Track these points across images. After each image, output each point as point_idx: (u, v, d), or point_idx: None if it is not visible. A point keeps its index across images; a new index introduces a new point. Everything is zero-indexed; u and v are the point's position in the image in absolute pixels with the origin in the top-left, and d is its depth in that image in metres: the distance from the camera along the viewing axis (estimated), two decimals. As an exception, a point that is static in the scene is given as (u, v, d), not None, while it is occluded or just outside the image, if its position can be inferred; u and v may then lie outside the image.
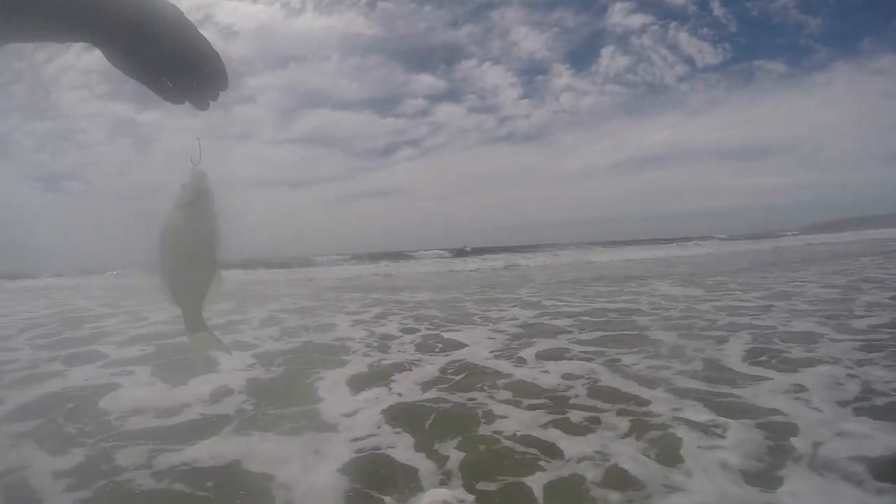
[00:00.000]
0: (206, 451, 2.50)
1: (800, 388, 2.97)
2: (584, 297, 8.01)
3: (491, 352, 4.38)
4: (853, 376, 3.13)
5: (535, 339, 4.78)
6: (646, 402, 2.90)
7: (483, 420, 2.78)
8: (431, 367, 3.95)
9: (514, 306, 7.31)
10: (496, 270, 17.64)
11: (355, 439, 2.59)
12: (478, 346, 4.66)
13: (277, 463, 2.34)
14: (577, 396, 3.11)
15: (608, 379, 3.43)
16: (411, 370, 3.89)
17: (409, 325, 5.95)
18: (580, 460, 2.26)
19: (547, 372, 3.66)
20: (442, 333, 5.35)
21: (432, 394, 3.30)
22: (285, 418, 2.92)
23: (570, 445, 2.41)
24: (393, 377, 3.69)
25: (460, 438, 2.55)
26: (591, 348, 4.34)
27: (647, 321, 5.49)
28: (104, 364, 4.47)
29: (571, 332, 5.12)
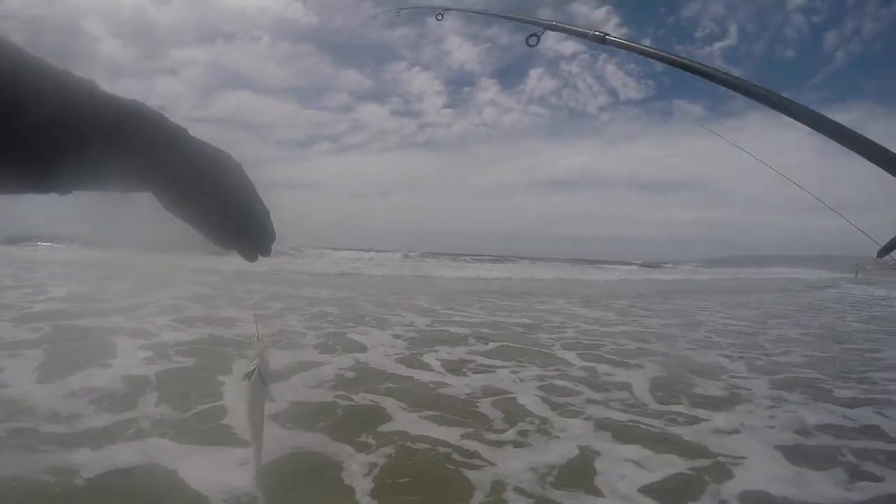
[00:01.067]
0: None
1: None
2: (483, 310, 8.39)
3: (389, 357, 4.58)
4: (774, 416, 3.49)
5: (436, 347, 5.04)
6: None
7: (380, 420, 3.00)
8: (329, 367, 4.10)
9: (412, 313, 7.56)
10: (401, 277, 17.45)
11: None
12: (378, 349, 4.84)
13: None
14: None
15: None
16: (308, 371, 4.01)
17: (312, 324, 6.04)
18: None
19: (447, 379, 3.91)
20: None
21: (329, 395, 3.45)
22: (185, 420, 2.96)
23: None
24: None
25: (362, 436, 2.74)
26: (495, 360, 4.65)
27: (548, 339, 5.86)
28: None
29: (470, 342, 5.43)
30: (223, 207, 0.57)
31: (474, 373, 4.22)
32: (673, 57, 1.11)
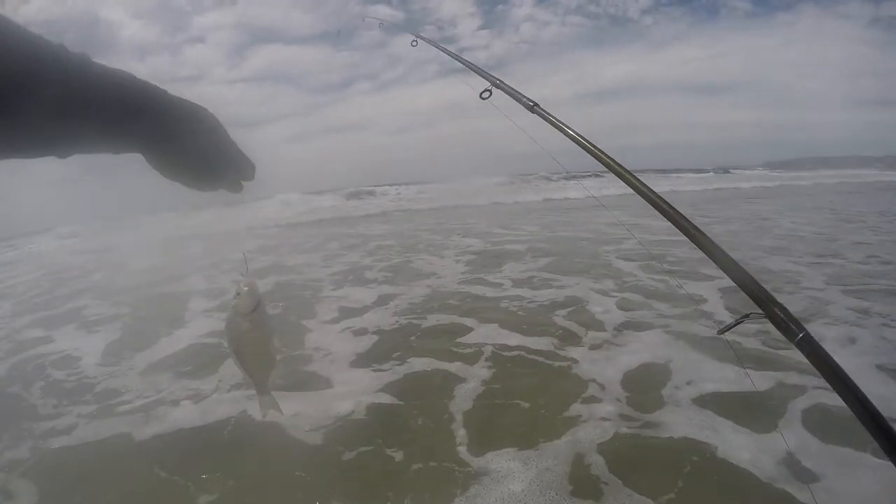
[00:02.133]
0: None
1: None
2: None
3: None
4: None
5: (501, 265, 5.07)
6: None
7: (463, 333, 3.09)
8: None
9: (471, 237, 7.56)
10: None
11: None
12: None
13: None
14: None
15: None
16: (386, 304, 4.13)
17: (376, 258, 6.16)
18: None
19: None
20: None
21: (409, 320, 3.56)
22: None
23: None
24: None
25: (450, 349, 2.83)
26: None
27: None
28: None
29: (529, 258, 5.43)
30: (204, 156, 0.64)
31: (542, 287, 4.25)
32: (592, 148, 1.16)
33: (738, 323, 0.84)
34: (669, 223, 0.97)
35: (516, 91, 1.47)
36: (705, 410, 2.20)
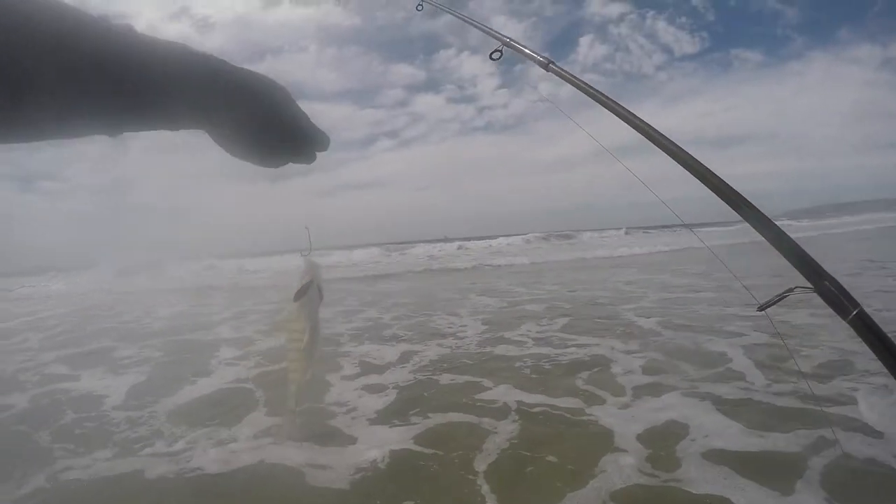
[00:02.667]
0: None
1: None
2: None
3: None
4: None
5: (520, 324, 5.10)
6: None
7: (483, 390, 3.10)
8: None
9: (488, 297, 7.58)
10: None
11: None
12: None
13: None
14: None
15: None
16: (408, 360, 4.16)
17: (396, 315, 6.22)
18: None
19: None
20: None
21: (429, 376, 3.59)
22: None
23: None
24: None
25: (472, 407, 2.85)
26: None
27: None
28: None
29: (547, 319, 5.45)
30: (276, 132, 0.60)
31: (561, 346, 4.26)
32: (611, 102, 1.12)
33: (782, 297, 0.77)
34: (714, 195, 0.89)
35: (529, 49, 1.39)
36: (727, 468, 2.18)
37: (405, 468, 2.38)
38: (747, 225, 0.85)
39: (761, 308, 0.80)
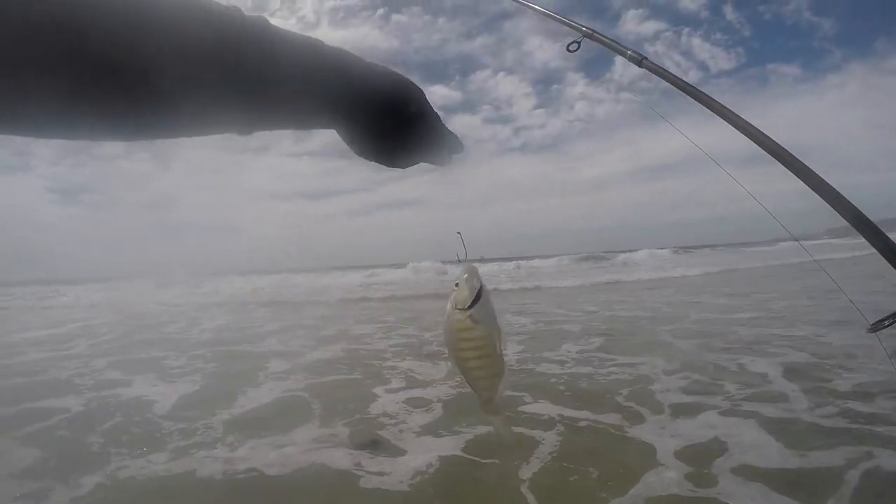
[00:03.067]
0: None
1: None
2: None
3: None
4: None
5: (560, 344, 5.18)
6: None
7: (523, 403, 3.21)
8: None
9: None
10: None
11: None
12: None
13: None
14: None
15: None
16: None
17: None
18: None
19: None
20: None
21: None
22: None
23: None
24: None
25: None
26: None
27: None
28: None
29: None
30: (410, 139, 0.58)
31: (602, 366, 4.34)
32: (706, 98, 1.03)
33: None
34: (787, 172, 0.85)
35: (615, 42, 1.22)
36: (765, 485, 2.22)
37: (452, 475, 2.51)
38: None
39: (872, 329, 0.74)
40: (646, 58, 1.15)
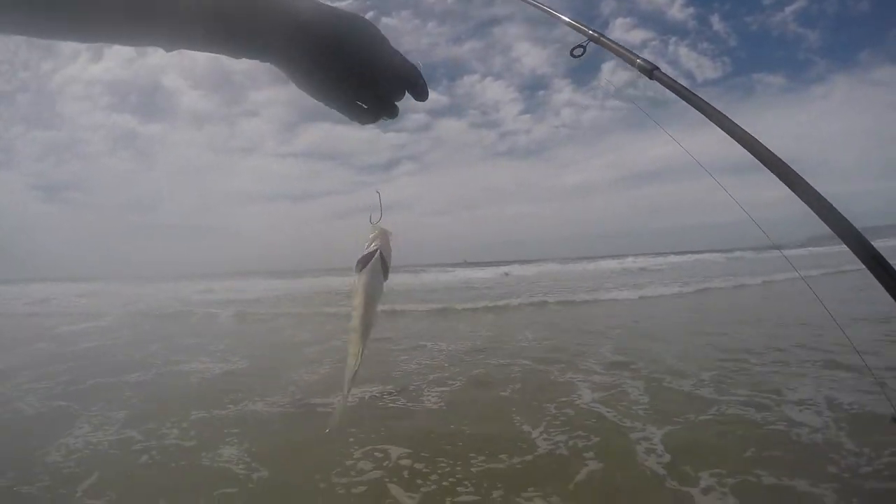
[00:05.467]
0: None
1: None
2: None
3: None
4: None
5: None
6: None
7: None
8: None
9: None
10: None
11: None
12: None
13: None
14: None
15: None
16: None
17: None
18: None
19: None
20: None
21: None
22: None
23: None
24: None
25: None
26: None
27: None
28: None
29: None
30: (360, 78, 0.54)
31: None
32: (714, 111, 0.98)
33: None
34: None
35: (624, 48, 1.09)
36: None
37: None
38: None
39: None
40: (657, 68, 1.03)
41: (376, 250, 0.66)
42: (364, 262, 0.66)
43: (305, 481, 2.55)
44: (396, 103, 0.59)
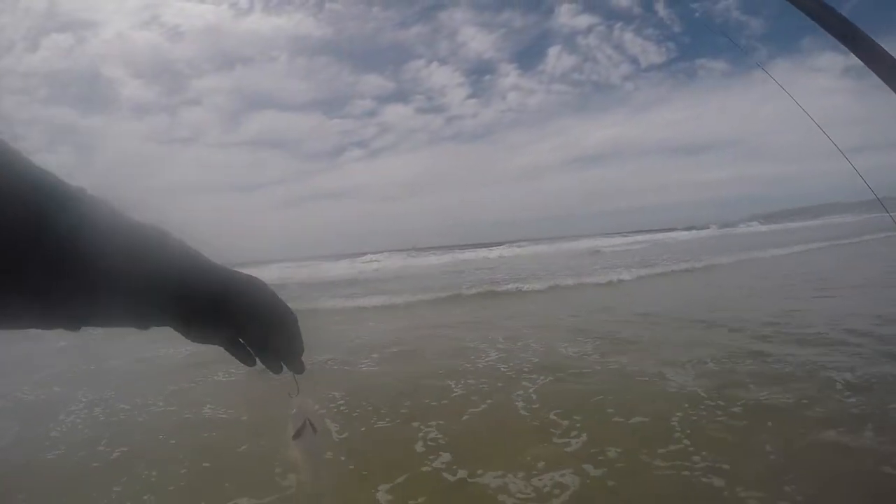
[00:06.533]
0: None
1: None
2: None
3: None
4: None
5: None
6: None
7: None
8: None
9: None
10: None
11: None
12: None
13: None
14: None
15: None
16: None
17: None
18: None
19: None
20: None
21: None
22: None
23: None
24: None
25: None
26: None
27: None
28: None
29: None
30: (269, 350, 0.59)
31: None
32: None
33: None
34: None
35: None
36: None
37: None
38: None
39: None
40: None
41: (306, 421, 0.68)
42: (298, 433, 0.68)
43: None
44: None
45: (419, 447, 3.02)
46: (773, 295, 7.66)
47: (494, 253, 25.95)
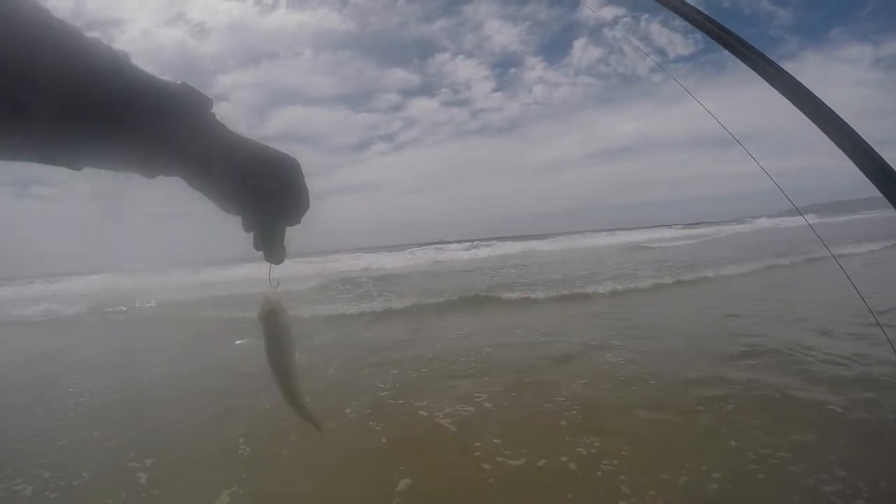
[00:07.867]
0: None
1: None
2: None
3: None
4: None
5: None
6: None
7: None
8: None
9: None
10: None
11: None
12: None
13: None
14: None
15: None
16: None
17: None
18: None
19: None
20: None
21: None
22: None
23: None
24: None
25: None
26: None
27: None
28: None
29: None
30: (275, 203, 0.57)
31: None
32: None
33: None
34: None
35: None
36: None
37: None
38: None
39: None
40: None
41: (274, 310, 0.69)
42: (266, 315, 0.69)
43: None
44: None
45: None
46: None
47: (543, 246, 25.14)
